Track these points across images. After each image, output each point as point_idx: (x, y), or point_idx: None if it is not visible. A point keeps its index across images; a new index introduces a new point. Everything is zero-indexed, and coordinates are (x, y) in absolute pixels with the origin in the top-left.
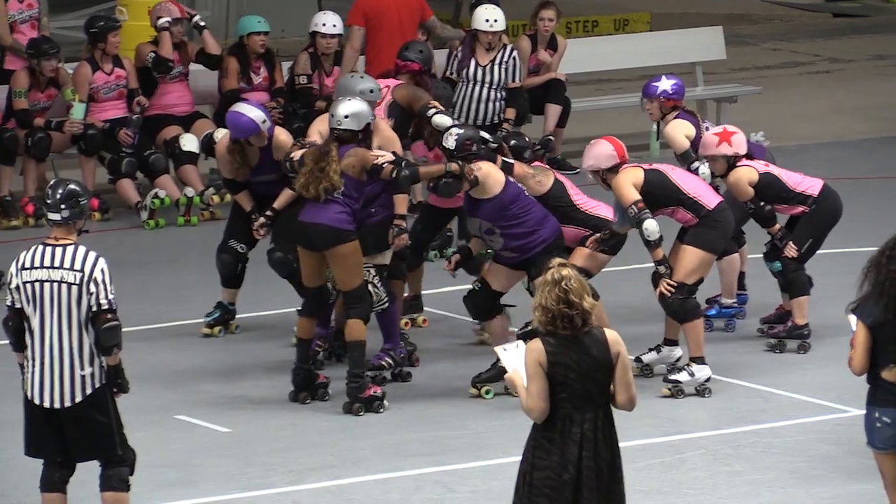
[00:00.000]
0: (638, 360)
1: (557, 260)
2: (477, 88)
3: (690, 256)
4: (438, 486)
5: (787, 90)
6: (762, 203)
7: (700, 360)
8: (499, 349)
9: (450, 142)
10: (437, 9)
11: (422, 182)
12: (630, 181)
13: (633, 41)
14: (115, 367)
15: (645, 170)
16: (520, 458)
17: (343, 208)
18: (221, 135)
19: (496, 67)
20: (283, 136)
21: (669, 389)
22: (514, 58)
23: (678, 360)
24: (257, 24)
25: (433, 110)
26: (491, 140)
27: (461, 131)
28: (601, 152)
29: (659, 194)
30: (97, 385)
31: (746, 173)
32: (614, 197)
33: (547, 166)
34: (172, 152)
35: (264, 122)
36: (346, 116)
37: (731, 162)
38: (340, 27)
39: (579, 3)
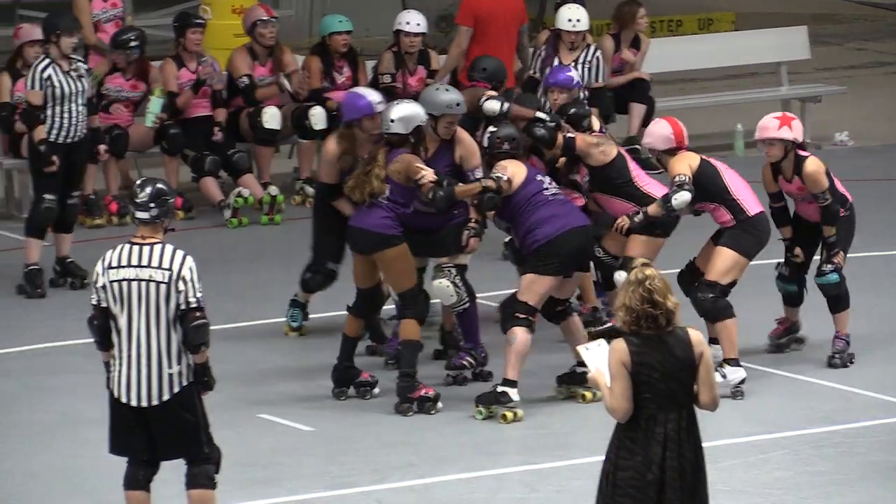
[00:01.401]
0: None
1: (640, 259)
2: None
3: (725, 257)
4: (522, 486)
5: (871, 90)
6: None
7: (734, 362)
8: (581, 349)
9: (483, 140)
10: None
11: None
12: (687, 163)
13: (717, 41)
14: (203, 365)
15: (702, 158)
16: (604, 457)
17: (387, 213)
18: (317, 112)
19: (579, 67)
20: None
21: None
22: (597, 57)
23: (742, 380)
24: (338, 24)
25: (485, 97)
26: (548, 120)
27: (494, 129)
28: (659, 133)
29: (706, 187)
30: (184, 383)
31: (819, 164)
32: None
33: (611, 137)
34: (253, 125)
35: (380, 102)
36: (393, 120)
37: (789, 148)
38: (424, 26)
39: (663, 3)
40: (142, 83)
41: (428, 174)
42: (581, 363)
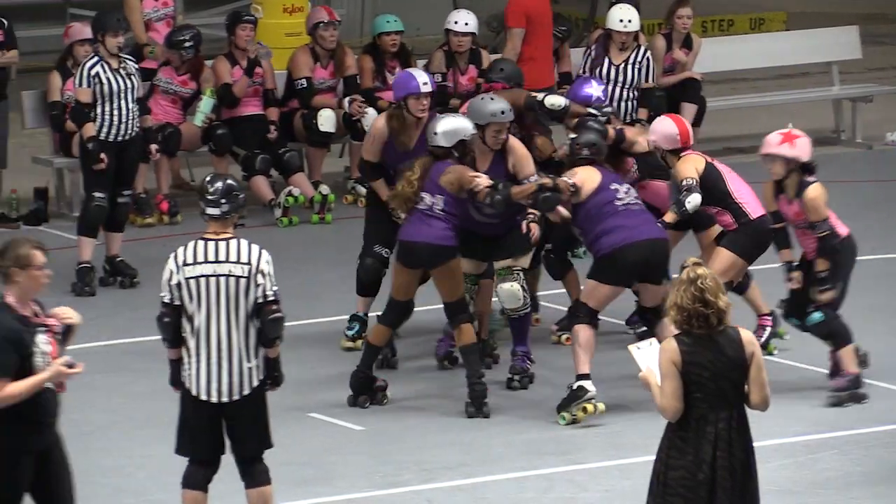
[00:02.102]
0: None
1: (692, 259)
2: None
3: (723, 258)
4: (571, 485)
5: None
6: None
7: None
8: (632, 347)
9: (566, 148)
10: (573, 7)
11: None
12: (693, 166)
13: (768, 40)
14: (275, 359)
15: (707, 161)
16: (654, 456)
17: (446, 225)
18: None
19: (629, 67)
20: None
21: None
22: (647, 58)
23: None
24: (387, 24)
25: (541, 94)
26: (600, 115)
27: (574, 136)
28: (666, 132)
29: (710, 190)
30: (260, 377)
31: (822, 191)
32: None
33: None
34: (307, 126)
35: (426, 83)
36: (437, 133)
37: (792, 167)
38: (474, 25)
39: (715, 2)
40: (192, 82)
41: (482, 180)
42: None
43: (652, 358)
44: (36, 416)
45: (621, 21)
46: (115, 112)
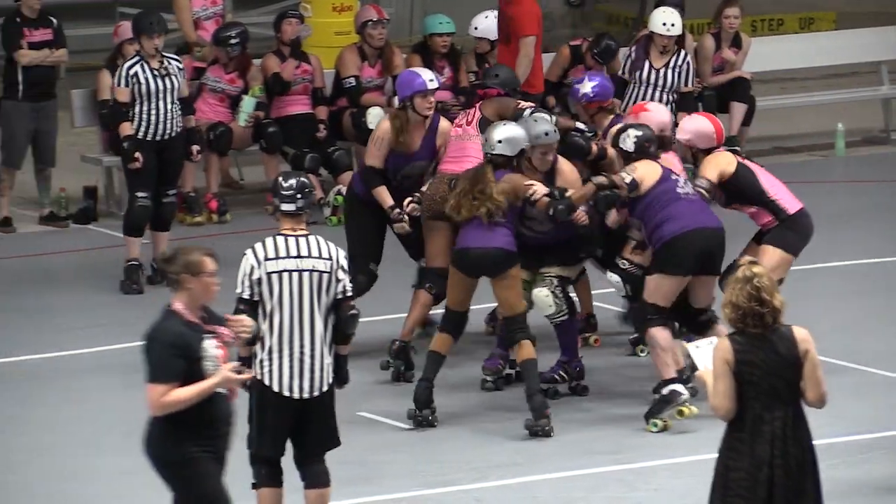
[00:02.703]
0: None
1: (747, 258)
2: (649, 91)
3: (771, 255)
4: (621, 485)
5: None
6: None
7: None
8: (691, 346)
9: (628, 144)
10: (622, 8)
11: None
12: (722, 166)
13: (818, 40)
14: (345, 357)
15: (739, 162)
16: (704, 455)
17: (509, 231)
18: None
19: (669, 71)
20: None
21: None
22: (687, 62)
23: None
24: (439, 26)
25: (528, 109)
26: (587, 130)
27: (639, 132)
28: (703, 132)
29: (744, 190)
30: (333, 374)
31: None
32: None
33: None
34: (356, 125)
35: (432, 80)
36: (500, 141)
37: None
38: (483, 30)
39: (764, 2)
40: (240, 80)
41: (539, 188)
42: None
43: (708, 357)
44: (208, 423)
45: (664, 24)
46: (154, 111)
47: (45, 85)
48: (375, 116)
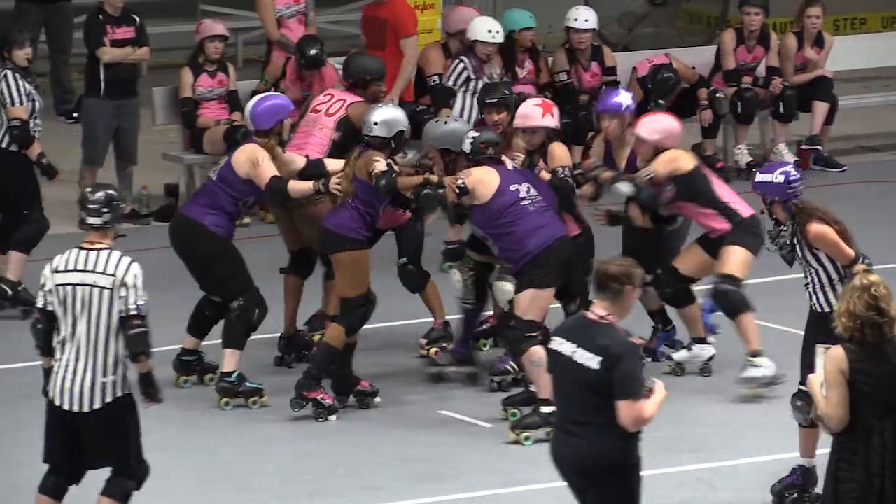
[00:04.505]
0: (669, 358)
1: (861, 266)
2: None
3: (738, 253)
4: (702, 485)
5: None
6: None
7: (759, 354)
8: (820, 347)
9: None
10: (704, 6)
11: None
12: (680, 163)
13: None
14: (145, 375)
15: (697, 163)
16: (784, 455)
17: (354, 214)
18: None
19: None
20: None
21: (746, 390)
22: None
23: (711, 357)
24: (529, 20)
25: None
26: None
27: (477, 134)
28: (673, 131)
29: (699, 191)
30: (118, 394)
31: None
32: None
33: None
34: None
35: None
36: (376, 123)
37: (552, 135)
38: (594, 22)
39: (847, 1)
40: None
41: (381, 164)
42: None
43: (819, 363)
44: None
45: (489, 32)
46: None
47: (126, 83)
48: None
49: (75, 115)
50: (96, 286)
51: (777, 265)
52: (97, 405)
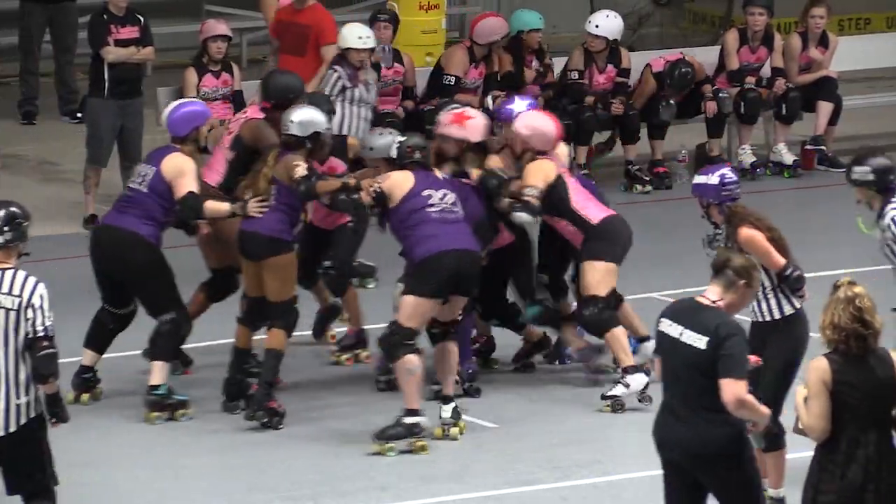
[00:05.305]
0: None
1: (846, 278)
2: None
3: (589, 270)
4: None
5: None
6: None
7: (633, 370)
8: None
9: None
10: (708, 6)
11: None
12: (546, 172)
13: None
14: (53, 396)
15: (560, 173)
16: (793, 454)
17: (281, 216)
18: None
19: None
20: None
21: (609, 406)
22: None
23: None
24: (538, 22)
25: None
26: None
27: (404, 138)
28: (546, 132)
29: (557, 203)
30: (32, 415)
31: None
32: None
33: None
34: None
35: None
36: (293, 121)
37: (463, 147)
38: (605, 30)
39: (851, 1)
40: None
41: (301, 168)
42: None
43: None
44: None
45: (360, 38)
46: None
47: (131, 82)
48: None
49: (79, 114)
50: (1, 307)
51: None
52: (12, 428)
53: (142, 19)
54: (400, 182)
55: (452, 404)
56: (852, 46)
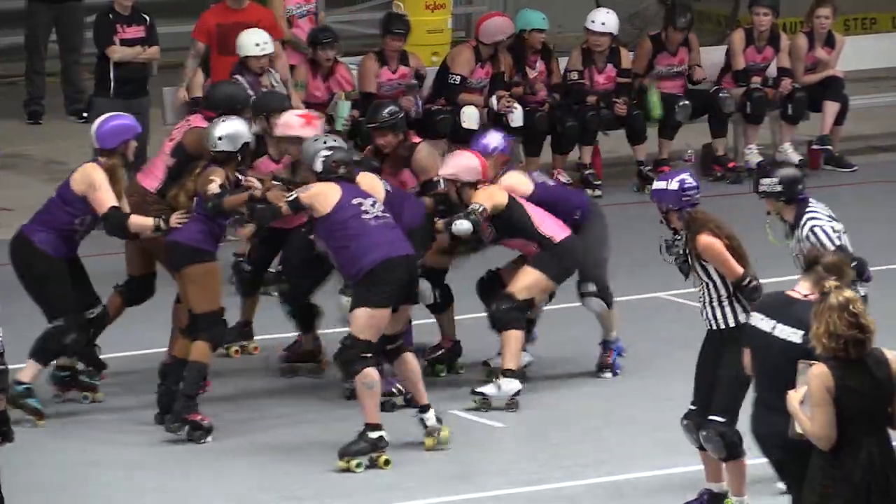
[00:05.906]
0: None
1: (833, 283)
2: None
3: (528, 275)
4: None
5: None
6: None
7: (510, 373)
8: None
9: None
10: (714, 6)
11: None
12: (496, 198)
13: None
14: (2, 413)
15: (510, 196)
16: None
17: (202, 226)
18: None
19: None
20: None
21: (475, 402)
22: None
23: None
24: (541, 21)
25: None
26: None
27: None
28: (467, 166)
29: (516, 225)
30: None
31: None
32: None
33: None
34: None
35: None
36: (220, 138)
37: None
38: (611, 26)
39: (857, 1)
40: (326, 85)
41: (214, 185)
42: None
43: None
44: None
45: (257, 45)
46: None
47: (136, 82)
48: (470, 116)
49: (85, 114)
50: None
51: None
52: None
53: (147, 19)
54: (324, 192)
55: (431, 411)
56: (858, 46)
